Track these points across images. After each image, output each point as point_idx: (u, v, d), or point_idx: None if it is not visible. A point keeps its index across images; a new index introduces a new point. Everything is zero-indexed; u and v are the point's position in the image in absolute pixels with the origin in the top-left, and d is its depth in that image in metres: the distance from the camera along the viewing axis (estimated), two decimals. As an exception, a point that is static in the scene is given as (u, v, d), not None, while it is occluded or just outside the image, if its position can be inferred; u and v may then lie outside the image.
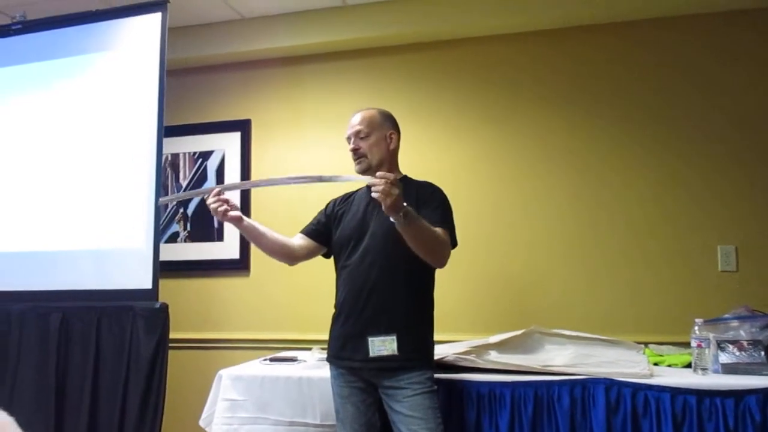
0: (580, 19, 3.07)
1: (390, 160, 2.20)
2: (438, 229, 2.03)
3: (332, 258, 2.30)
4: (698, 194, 2.93)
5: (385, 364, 2.03)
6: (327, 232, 2.29)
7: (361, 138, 2.18)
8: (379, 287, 2.06)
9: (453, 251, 2.17)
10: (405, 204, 1.86)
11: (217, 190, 2.12)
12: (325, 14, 3.30)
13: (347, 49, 3.38)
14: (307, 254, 2.31)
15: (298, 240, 2.30)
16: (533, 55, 3.17)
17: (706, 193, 2.92)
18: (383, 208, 1.85)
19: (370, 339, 2.03)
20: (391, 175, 1.84)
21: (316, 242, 2.30)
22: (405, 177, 2.25)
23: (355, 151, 2.18)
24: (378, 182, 1.83)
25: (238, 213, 2.16)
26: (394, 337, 2.01)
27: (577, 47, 3.12)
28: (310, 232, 2.32)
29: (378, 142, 2.18)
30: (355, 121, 2.21)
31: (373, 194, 1.85)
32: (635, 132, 3.02)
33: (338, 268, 2.23)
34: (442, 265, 2.06)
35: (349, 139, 2.22)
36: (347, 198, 2.33)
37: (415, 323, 2.09)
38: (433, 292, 2.18)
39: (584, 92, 3.10)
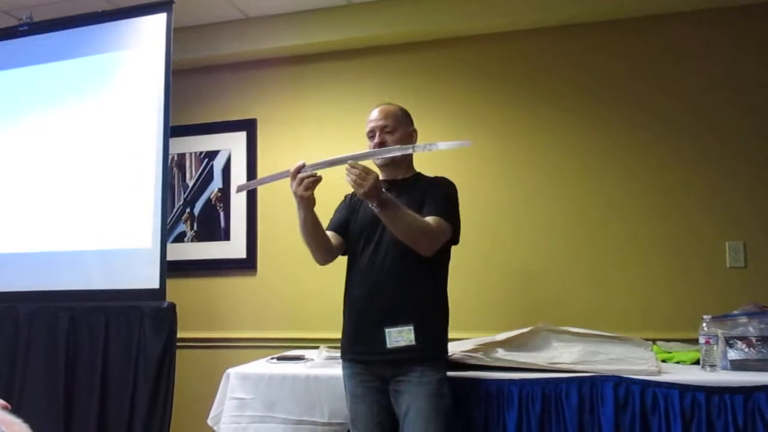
0: (590, 16, 3.05)
1: (409, 157, 2.21)
2: (430, 218, 2.03)
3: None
4: (706, 190, 2.91)
5: (401, 356, 2.01)
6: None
7: (387, 132, 2.17)
8: (394, 279, 2.06)
9: (457, 248, 2.19)
10: (383, 193, 1.92)
11: (299, 165, 2.02)
12: (330, 13, 3.29)
13: (353, 48, 3.37)
14: (340, 252, 2.24)
15: (332, 239, 2.22)
16: (537, 52, 3.16)
17: (714, 189, 2.90)
18: (358, 195, 1.96)
19: (387, 330, 2.01)
20: (361, 166, 1.91)
21: (344, 238, 2.24)
22: (418, 174, 2.26)
23: (381, 145, 2.15)
24: (352, 171, 1.90)
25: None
26: (411, 327, 2.00)
27: (583, 45, 3.10)
28: (338, 228, 2.25)
29: (403, 137, 2.18)
30: (380, 115, 2.20)
31: (347, 181, 1.92)
32: (643, 128, 3.00)
33: (350, 261, 2.21)
34: (426, 253, 2.02)
35: (371, 133, 2.19)
36: None
37: (431, 315, 2.07)
38: (447, 285, 2.17)
39: (591, 89, 3.08)
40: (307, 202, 2.02)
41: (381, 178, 2.22)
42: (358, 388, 2.12)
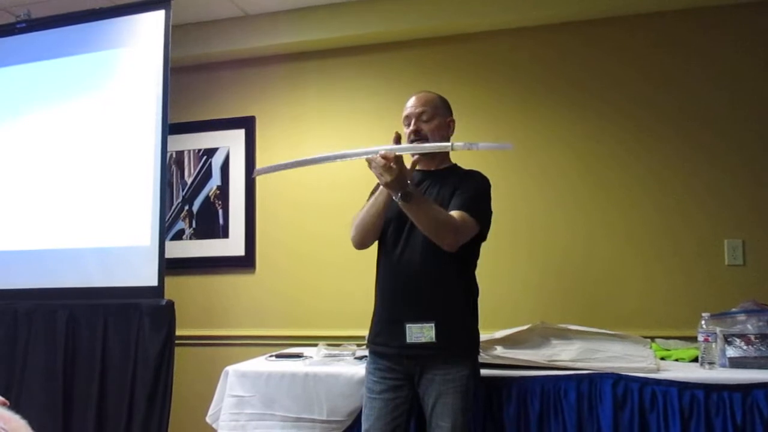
0: (590, 13, 3.04)
1: None
2: (455, 213, 1.99)
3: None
4: (705, 188, 2.91)
5: (422, 352, 1.99)
6: None
7: (424, 120, 2.12)
8: (417, 274, 2.02)
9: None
10: (408, 185, 1.89)
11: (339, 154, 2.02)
12: (329, 10, 3.29)
13: (351, 45, 3.36)
14: (376, 239, 2.18)
15: None
16: (538, 49, 3.15)
17: (713, 187, 2.90)
18: (381, 185, 1.92)
19: (407, 325, 1.98)
20: (391, 155, 1.87)
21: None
22: (454, 166, 2.22)
23: (416, 133, 2.11)
24: (377, 160, 1.86)
25: None
26: (432, 324, 1.97)
27: (583, 42, 3.10)
28: None
29: (440, 126, 2.13)
30: (416, 102, 2.16)
31: (372, 170, 1.89)
32: (642, 125, 3.00)
33: (379, 251, 2.17)
34: (449, 248, 1.98)
35: (407, 120, 2.16)
36: None
37: (454, 312, 2.04)
38: (475, 282, 2.15)
39: (587, 87, 3.07)
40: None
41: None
42: (377, 384, 2.08)
